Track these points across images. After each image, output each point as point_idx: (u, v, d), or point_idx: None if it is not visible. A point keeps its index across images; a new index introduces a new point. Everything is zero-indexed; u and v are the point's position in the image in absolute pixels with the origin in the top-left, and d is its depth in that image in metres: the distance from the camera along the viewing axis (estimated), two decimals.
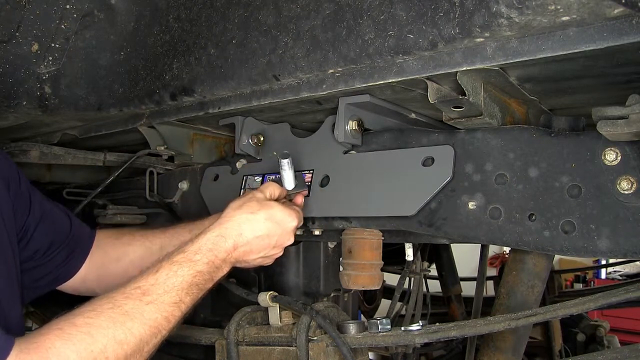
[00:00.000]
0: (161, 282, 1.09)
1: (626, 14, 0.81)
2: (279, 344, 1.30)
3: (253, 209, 1.25)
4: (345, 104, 1.29)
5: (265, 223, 1.25)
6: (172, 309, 1.08)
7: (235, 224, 1.23)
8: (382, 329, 1.26)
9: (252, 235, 1.23)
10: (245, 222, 1.23)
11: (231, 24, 1.23)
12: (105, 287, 1.46)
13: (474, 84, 1.10)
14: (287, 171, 1.37)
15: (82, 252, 1.44)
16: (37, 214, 1.33)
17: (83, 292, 1.49)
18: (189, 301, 1.13)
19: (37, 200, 1.35)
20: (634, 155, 1.03)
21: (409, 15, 0.96)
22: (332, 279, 1.65)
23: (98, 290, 1.48)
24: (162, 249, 1.46)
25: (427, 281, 2.23)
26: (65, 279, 1.42)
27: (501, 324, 1.11)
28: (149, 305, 1.05)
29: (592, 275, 6.48)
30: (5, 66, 1.37)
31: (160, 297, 1.07)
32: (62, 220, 1.42)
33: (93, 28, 1.42)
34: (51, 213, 1.39)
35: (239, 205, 1.26)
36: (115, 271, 1.46)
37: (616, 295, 1.03)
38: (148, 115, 1.53)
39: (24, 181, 1.32)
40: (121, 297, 1.04)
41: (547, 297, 2.75)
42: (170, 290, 1.09)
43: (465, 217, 1.21)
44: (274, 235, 1.26)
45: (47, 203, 1.39)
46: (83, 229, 1.47)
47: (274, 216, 1.26)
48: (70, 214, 1.46)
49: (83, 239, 1.45)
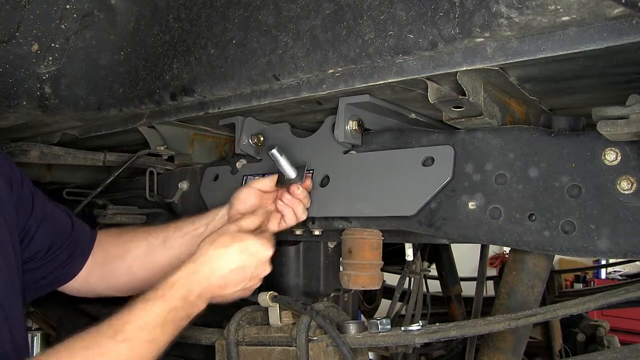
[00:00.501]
0: (135, 319, 1.07)
1: (626, 14, 0.81)
2: (279, 344, 1.30)
3: (226, 242, 1.23)
4: (345, 104, 1.29)
5: (240, 256, 1.23)
6: (147, 346, 1.07)
7: (208, 259, 1.21)
8: (382, 329, 1.25)
9: (227, 269, 1.22)
10: (219, 256, 1.22)
11: (231, 24, 1.23)
12: (110, 285, 1.48)
13: (474, 84, 1.10)
14: (281, 160, 1.36)
15: (83, 253, 1.44)
16: (39, 214, 1.33)
17: (85, 292, 1.49)
18: (165, 339, 1.10)
19: (39, 201, 1.35)
20: (634, 155, 1.03)
21: (409, 15, 0.96)
22: (332, 279, 1.65)
23: (102, 290, 1.49)
24: (166, 241, 1.46)
25: (427, 281, 2.23)
26: (66, 280, 1.42)
27: (501, 324, 1.11)
28: (123, 343, 1.03)
29: (592, 275, 6.49)
30: (5, 66, 1.37)
31: (135, 335, 1.05)
32: (64, 221, 1.41)
33: (93, 28, 1.42)
34: (53, 214, 1.38)
35: (212, 240, 1.25)
36: (118, 269, 1.46)
37: (616, 295, 1.03)
38: (148, 115, 1.53)
39: (26, 182, 1.32)
40: (96, 335, 1.04)
41: (547, 297, 2.75)
42: (144, 327, 1.07)
43: (465, 217, 1.21)
44: (249, 267, 1.25)
45: (49, 204, 1.39)
46: (84, 230, 1.47)
47: (248, 248, 1.24)
48: (71, 215, 1.45)
49: (84, 240, 1.45)
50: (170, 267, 1.36)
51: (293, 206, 1.37)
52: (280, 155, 1.35)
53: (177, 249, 1.45)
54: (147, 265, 1.45)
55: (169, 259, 1.44)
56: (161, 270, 1.42)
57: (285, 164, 1.37)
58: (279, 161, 1.36)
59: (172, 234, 1.46)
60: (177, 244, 1.45)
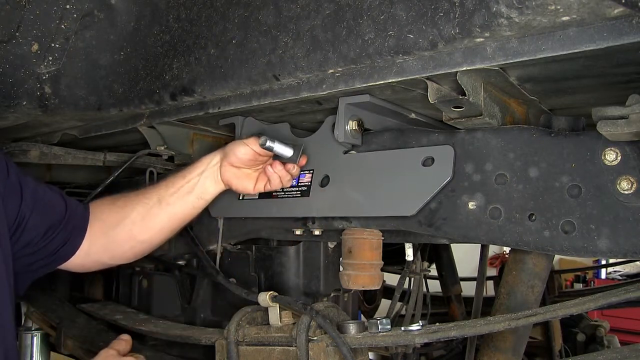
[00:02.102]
0: None
1: (626, 14, 0.81)
2: (279, 344, 1.30)
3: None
4: (345, 104, 1.29)
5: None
6: None
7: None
8: (382, 329, 1.25)
9: None
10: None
11: (231, 24, 1.23)
12: (114, 254, 1.50)
13: (474, 84, 1.10)
14: (275, 147, 1.37)
15: (80, 230, 1.44)
16: (29, 201, 1.32)
17: (90, 266, 1.50)
18: None
19: (29, 187, 1.34)
20: (634, 155, 1.03)
21: (409, 15, 0.96)
22: (332, 279, 1.65)
23: (106, 259, 1.51)
24: (160, 200, 1.47)
25: (427, 281, 2.23)
26: (64, 259, 1.42)
27: (501, 324, 1.11)
28: None
29: (592, 275, 6.48)
30: (5, 66, 1.37)
31: None
32: (57, 202, 1.41)
33: (93, 28, 1.42)
34: (45, 198, 1.38)
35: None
36: (119, 235, 1.47)
37: (616, 295, 1.03)
38: (148, 115, 1.53)
39: (13, 171, 1.31)
40: None
41: (547, 297, 2.75)
42: None
43: (465, 217, 1.21)
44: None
45: (41, 188, 1.38)
46: (78, 207, 1.46)
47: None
48: (64, 196, 1.45)
49: (79, 217, 1.45)
50: (170, 224, 1.46)
51: (282, 176, 1.42)
52: (273, 144, 1.37)
53: (174, 205, 1.46)
54: (147, 227, 1.47)
55: (167, 217, 1.47)
56: (162, 230, 1.47)
57: (280, 148, 1.39)
58: (273, 149, 1.38)
59: (165, 192, 1.47)
60: (172, 200, 1.46)
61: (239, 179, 1.45)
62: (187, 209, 1.47)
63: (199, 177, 1.46)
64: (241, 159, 1.41)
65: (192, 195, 1.46)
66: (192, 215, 1.50)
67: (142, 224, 1.46)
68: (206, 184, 1.46)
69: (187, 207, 1.47)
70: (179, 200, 1.46)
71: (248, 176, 1.46)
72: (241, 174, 1.45)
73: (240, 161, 1.42)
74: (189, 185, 1.46)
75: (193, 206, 1.47)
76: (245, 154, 1.40)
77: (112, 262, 1.53)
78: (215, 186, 1.47)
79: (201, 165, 1.47)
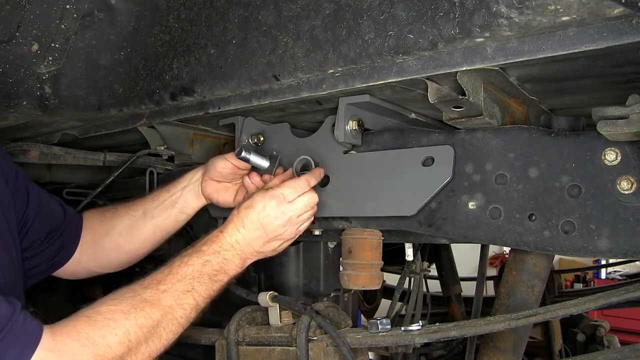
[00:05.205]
0: (174, 272, 1.19)
1: (626, 14, 0.81)
2: (279, 344, 1.30)
3: (252, 201, 1.31)
4: (345, 104, 1.29)
5: (267, 206, 1.30)
6: (186, 296, 1.18)
7: (237, 218, 1.30)
8: (382, 329, 1.26)
9: (256, 217, 1.29)
10: (244, 211, 1.30)
11: (231, 24, 1.23)
12: (101, 263, 1.56)
13: (474, 84, 1.10)
14: (251, 159, 1.42)
15: (75, 237, 1.50)
16: (35, 204, 1.39)
17: (80, 274, 1.56)
18: (203, 290, 1.21)
19: (35, 192, 1.41)
20: (634, 155, 1.03)
21: (409, 15, 0.96)
22: (332, 279, 1.65)
23: (94, 268, 1.57)
24: (146, 213, 1.53)
25: (427, 281, 2.23)
26: (60, 265, 1.48)
27: (501, 324, 1.11)
28: (164, 293, 1.15)
29: (592, 275, 6.48)
30: (5, 66, 1.37)
31: (174, 286, 1.17)
32: (57, 210, 1.48)
33: (93, 28, 1.41)
34: (47, 204, 1.45)
35: (241, 205, 1.33)
36: (107, 245, 1.53)
37: (616, 295, 1.03)
38: (148, 115, 1.53)
39: (20, 175, 1.38)
40: (140, 287, 1.16)
41: (547, 297, 2.75)
42: (182, 279, 1.19)
43: (465, 217, 1.21)
44: (287, 211, 1.30)
45: (44, 195, 1.45)
46: (74, 216, 1.53)
47: (275, 196, 1.30)
48: (62, 203, 1.52)
49: (74, 225, 1.51)
50: (154, 235, 1.52)
51: (259, 186, 1.46)
52: (249, 155, 1.42)
53: (157, 217, 1.52)
54: (133, 239, 1.53)
55: (152, 229, 1.53)
56: (146, 241, 1.53)
57: (256, 160, 1.44)
58: (249, 160, 1.42)
59: (150, 205, 1.53)
60: (156, 213, 1.52)
61: (219, 192, 1.50)
62: (170, 222, 1.53)
63: (182, 191, 1.53)
64: (221, 172, 1.47)
65: (175, 209, 1.52)
66: (175, 228, 1.56)
67: (128, 235, 1.52)
68: (188, 198, 1.52)
69: (169, 220, 1.53)
70: (162, 213, 1.52)
71: (228, 190, 1.51)
72: (221, 188, 1.50)
73: (221, 175, 1.48)
74: (172, 199, 1.52)
75: (175, 219, 1.53)
76: (225, 167, 1.46)
77: (100, 271, 1.59)
78: (196, 201, 1.53)
79: (184, 180, 1.54)
